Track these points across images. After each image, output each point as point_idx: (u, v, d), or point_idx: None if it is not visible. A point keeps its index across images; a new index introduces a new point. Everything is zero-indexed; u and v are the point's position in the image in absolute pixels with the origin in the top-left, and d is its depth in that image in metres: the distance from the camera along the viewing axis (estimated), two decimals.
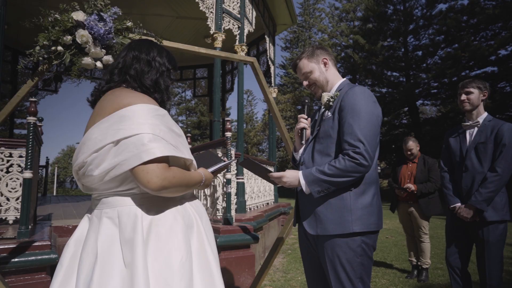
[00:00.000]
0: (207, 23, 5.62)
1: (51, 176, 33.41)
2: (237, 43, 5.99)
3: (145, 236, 1.18)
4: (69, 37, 1.84)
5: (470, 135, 2.69)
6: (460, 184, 2.67)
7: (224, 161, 1.68)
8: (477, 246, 2.60)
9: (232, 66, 10.27)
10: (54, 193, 27.95)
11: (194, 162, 1.42)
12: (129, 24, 2.08)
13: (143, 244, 1.15)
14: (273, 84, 8.57)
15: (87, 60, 1.91)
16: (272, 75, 8.54)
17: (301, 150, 1.93)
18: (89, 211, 1.34)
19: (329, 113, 1.80)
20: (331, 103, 1.81)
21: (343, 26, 27.30)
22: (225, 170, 1.91)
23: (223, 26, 5.65)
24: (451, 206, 2.68)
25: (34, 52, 1.83)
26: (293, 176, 1.73)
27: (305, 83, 1.94)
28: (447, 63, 20.34)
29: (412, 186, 4.25)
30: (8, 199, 3.92)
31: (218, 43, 5.49)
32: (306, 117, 1.92)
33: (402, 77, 25.06)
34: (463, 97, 2.69)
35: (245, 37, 6.14)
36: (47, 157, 10.79)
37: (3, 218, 3.94)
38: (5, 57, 8.27)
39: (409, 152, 4.46)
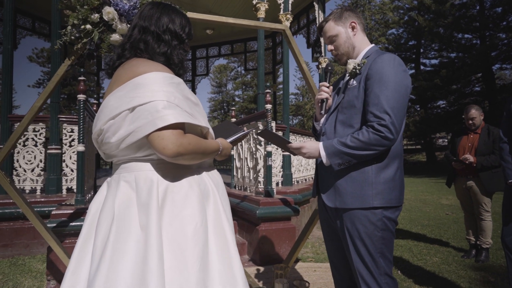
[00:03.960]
0: None
1: None
2: (281, 12, 5.78)
3: (160, 201, 1.21)
4: (97, 15, 1.91)
5: None
6: None
7: (243, 130, 1.65)
8: None
9: (282, 38, 9.99)
10: None
11: (211, 130, 1.41)
12: None
13: (157, 209, 1.18)
14: (324, 54, 8.20)
15: (115, 36, 1.97)
16: (323, 44, 8.16)
17: (322, 120, 1.85)
18: (110, 176, 1.40)
19: (355, 82, 1.69)
20: (357, 71, 1.69)
21: None
22: (244, 139, 1.89)
23: None
24: (510, 181, 2.39)
25: (67, 32, 1.93)
26: (313, 147, 1.67)
27: (329, 47, 1.82)
28: None
29: (470, 158, 3.85)
30: (72, 170, 4.36)
31: (261, 13, 5.34)
32: (328, 85, 1.82)
33: (476, 39, 22.38)
34: None
35: (290, 5, 5.88)
36: None
37: (70, 187, 4.41)
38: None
39: (470, 122, 4.01)
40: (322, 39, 8.02)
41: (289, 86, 5.66)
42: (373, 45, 1.80)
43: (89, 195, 3.72)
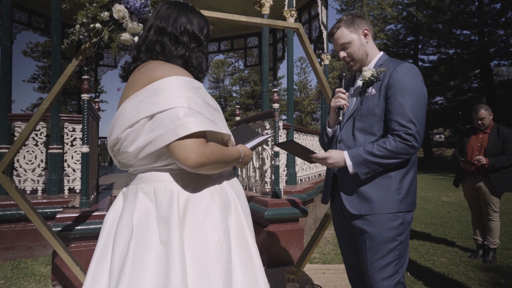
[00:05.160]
0: None
1: None
2: (286, 8, 5.67)
3: (181, 214, 1.14)
4: (106, 13, 1.82)
5: None
6: None
7: (262, 134, 1.60)
8: None
9: (283, 33, 9.87)
10: None
11: (232, 137, 1.35)
12: None
13: (179, 222, 1.12)
14: (326, 50, 8.11)
15: (125, 36, 1.89)
16: (325, 40, 8.05)
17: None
18: (125, 186, 1.33)
19: (373, 90, 1.68)
20: (374, 79, 1.68)
21: None
22: (264, 144, 1.79)
23: None
24: None
25: (75, 31, 1.85)
26: (338, 157, 1.65)
27: (341, 54, 1.79)
28: None
29: (483, 160, 3.79)
30: (74, 170, 4.27)
31: (266, 10, 5.24)
32: (345, 91, 1.80)
33: (474, 36, 22.38)
34: None
35: (294, 1, 5.78)
36: None
37: (72, 187, 4.32)
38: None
39: (480, 122, 3.96)
40: (324, 36, 7.93)
41: (293, 84, 5.58)
42: (383, 53, 1.81)
43: (93, 196, 3.65)
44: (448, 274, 3.51)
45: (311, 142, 6.58)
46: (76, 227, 2.80)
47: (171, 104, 1.11)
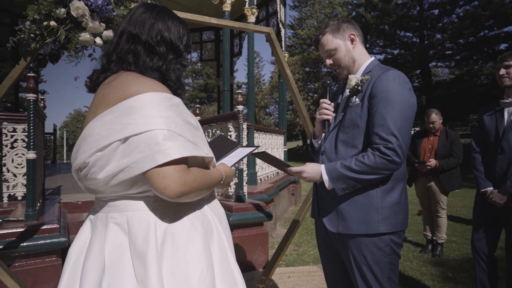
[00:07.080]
0: None
1: (60, 140, 33.94)
2: (247, 5, 5.56)
3: (159, 247, 1.03)
4: (63, 10, 1.60)
5: (508, 113, 2.44)
6: (493, 167, 2.47)
7: (241, 145, 1.52)
8: (507, 233, 2.45)
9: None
10: (65, 158, 28.42)
11: (214, 159, 1.24)
12: None
13: (157, 257, 1.00)
14: (283, 49, 8.14)
15: (85, 36, 1.67)
16: (283, 39, 8.09)
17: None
18: (92, 212, 1.18)
19: (357, 99, 1.59)
20: (359, 88, 1.59)
21: None
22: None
23: None
24: (482, 190, 2.50)
25: (25, 29, 1.60)
26: (314, 171, 1.57)
27: (328, 62, 1.71)
28: (465, 23, 19.31)
29: (433, 163, 4.06)
30: (15, 175, 3.83)
31: (227, 6, 5.09)
32: (329, 102, 1.72)
33: (416, 38, 23.97)
34: (502, 71, 2.42)
35: None
36: (54, 124, 10.70)
37: (12, 194, 3.87)
38: (3, 20, 7.94)
39: (431, 125, 4.22)
40: (282, 34, 7.95)
41: (253, 83, 5.51)
42: (373, 58, 1.73)
43: (39, 204, 3.29)
44: (404, 271, 3.70)
45: (270, 141, 6.58)
46: (22, 244, 2.49)
47: (149, 125, 0.98)
